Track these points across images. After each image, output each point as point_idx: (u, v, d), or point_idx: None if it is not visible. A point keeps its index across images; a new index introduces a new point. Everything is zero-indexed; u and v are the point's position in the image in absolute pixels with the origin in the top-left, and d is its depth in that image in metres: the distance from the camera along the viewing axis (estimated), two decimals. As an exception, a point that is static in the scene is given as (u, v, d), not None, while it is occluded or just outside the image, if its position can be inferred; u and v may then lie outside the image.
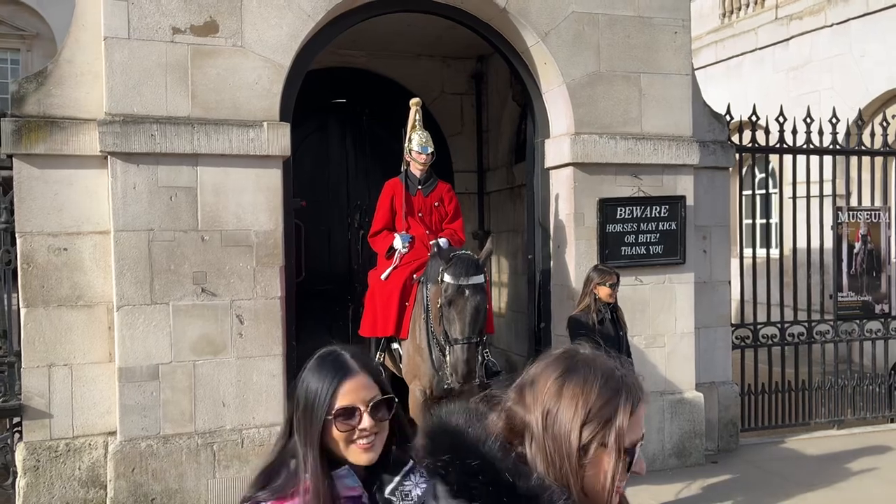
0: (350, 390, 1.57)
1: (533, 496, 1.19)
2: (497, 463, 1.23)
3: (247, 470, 4.86)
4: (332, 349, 1.65)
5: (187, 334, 4.82)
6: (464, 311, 4.37)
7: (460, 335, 4.36)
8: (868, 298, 6.92)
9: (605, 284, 4.83)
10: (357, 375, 1.58)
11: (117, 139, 4.66)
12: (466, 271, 4.40)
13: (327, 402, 1.55)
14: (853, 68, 10.29)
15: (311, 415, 1.55)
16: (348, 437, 1.56)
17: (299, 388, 1.62)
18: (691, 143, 5.89)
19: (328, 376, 1.57)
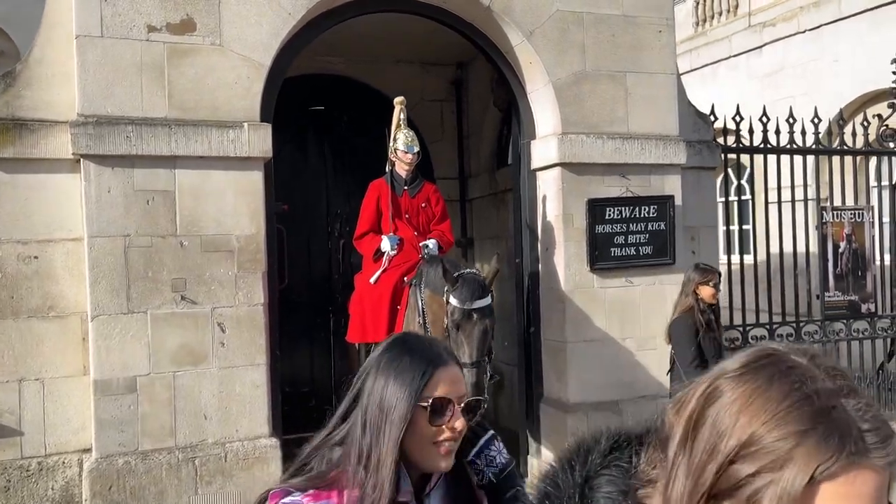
0: (444, 381, 1.38)
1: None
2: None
3: (231, 485, 4.66)
4: (410, 334, 1.50)
5: (166, 344, 4.61)
6: (472, 335, 4.31)
7: (468, 359, 4.28)
8: (854, 298, 6.91)
9: (707, 284, 4.53)
10: (451, 366, 1.40)
11: (91, 141, 4.46)
12: (472, 294, 4.32)
13: (418, 390, 1.34)
14: (827, 73, 10.40)
15: (394, 404, 1.35)
16: (433, 437, 1.36)
17: (371, 375, 1.42)
18: (678, 143, 5.84)
19: (419, 362, 1.38)
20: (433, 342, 1.45)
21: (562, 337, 5.63)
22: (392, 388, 1.37)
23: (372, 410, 1.37)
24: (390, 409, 1.35)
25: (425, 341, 1.46)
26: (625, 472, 0.91)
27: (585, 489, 0.91)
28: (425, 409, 1.35)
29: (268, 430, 4.82)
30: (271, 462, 4.77)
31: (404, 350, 1.42)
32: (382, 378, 1.39)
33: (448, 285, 4.37)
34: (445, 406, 1.36)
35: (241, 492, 4.70)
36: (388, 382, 1.38)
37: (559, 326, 5.66)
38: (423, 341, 1.46)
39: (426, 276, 4.70)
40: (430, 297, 4.60)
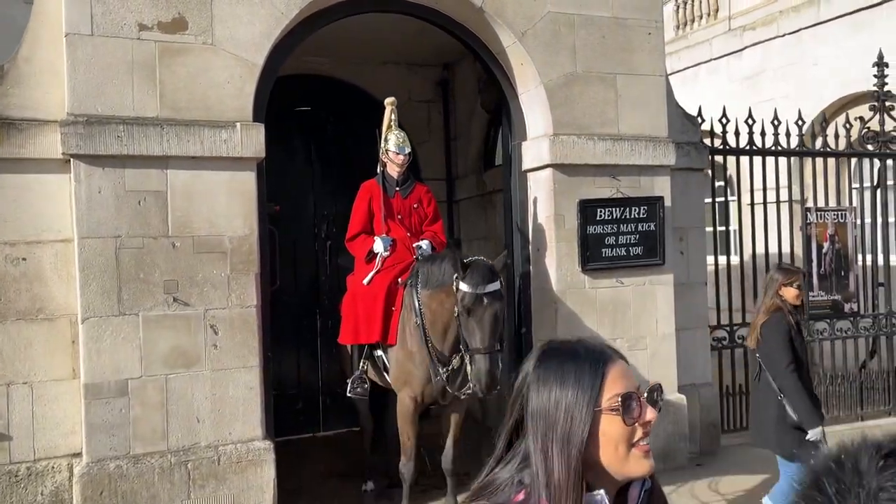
0: (619, 376, 1.24)
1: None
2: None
3: (224, 489, 4.62)
4: (558, 340, 1.35)
5: (158, 346, 4.55)
6: (483, 319, 4.27)
7: (481, 345, 4.25)
8: (837, 298, 7.02)
9: (791, 285, 4.32)
10: (619, 360, 1.28)
11: (81, 141, 4.40)
12: (483, 279, 4.29)
13: (596, 393, 1.21)
14: (807, 76, 10.56)
15: (572, 414, 1.21)
16: (628, 438, 1.22)
17: (534, 391, 1.26)
18: (668, 144, 5.89)
19: (587, 363, 1.24)
20: (586, 340, 1.32)
21: (554, 337, 5.64)
22: (564, 397, 1.23)
23: (544, 428, 1.23)
24: (569, 422, 1.21)
25: (580, 342, 1.31)
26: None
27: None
28: (613, 412, 1.21)
29: (261, 432, 4.78)
30: (265, 465, 4.73)
31: (562, 356, 1.28)
32: (546, 390, 1.24)
33: (458, 273, 4.34)
34: (633, 401, 1.23)
35: (234, 495, 4.65)
36: (557, 393, 1.23)
37: (551, 327, 5.68)
38: (578, 343, 1.31)
39: (423, 275, 4.69)
40: (428, 297, 4.59)
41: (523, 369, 1.31)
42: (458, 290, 4.35)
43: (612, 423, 1.22)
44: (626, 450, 1.23)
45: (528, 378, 1.29)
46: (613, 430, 1.22)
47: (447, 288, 4.48)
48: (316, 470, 6.36)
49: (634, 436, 1.24)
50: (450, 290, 4.46)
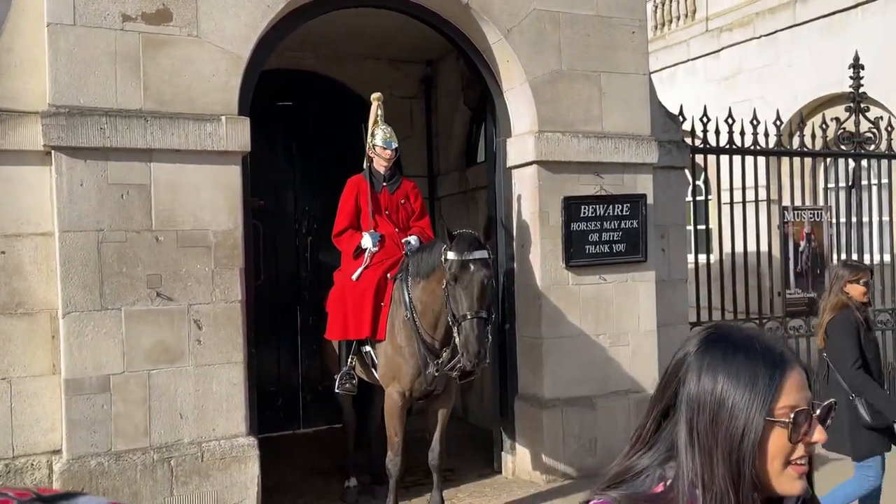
0: (794, 386, 1.12)
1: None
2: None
3: (207, 486, 4.58)
4: (726, 325, 1.22)
5: (141, 342, 4.50)
6: (470, 285, 4.27)
7: (469, 310, 4.23)
8: (813, 295, 7.13)
9: (858, 282, 4.18)
10: (797, 367, 1.14)
11: (63, 132, 4.32)
12: (470, 246, 4.32)
13: (769, 399, 1.09)
14: (781, 78, 10.72)
15: (740, 417, 1.10)
16: (787, 455, 1.12)
17: (693, 376, 1.15)
18: (650, 142, 5.95)
19: (762, 362, 1.11)
20: (761, 334, 1.18)
21: (538, 333, 5.68)
22: (732, 394, 1.11)
23: (703, 422, 1.12)
24: (734, 423, 1.10)
25: (754, 334, 1.18)
26: None
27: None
28: (782, 425, 1.09)
29: (245, 428, 4.75)
30: (249, 462, 4.70)
31: (734, 346, 1.14)
32: (710, 380, 1.12)
33: (445, 244, 4.35)
34: (804, 417, 1.10)
35: (217, 492, 4.61)
36: (724, 387, 1.11)
37: (535, 323, 5.71)
38: (754, 335, 1.17)
39: (413, 266, 4.69)
40: (420, 289, 4.59)
41: (684, 349, 1.19)
42: (445, 259, 4.36)
43: (778, 436, 1.11)
44: (781, 466, 1.12)
45: (688, 360, 1.17)
46: (776, 444, 1.11)
47: (437, 275, 4.48)
48: (297, 467, 6.33)
49: (794, 453, 1.12)
50: (440, 277, 4.47)
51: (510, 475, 5.87)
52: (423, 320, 4.58)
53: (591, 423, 5.73)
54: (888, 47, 9.21)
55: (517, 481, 5.75)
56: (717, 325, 1.23)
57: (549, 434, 5.61)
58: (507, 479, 5.82)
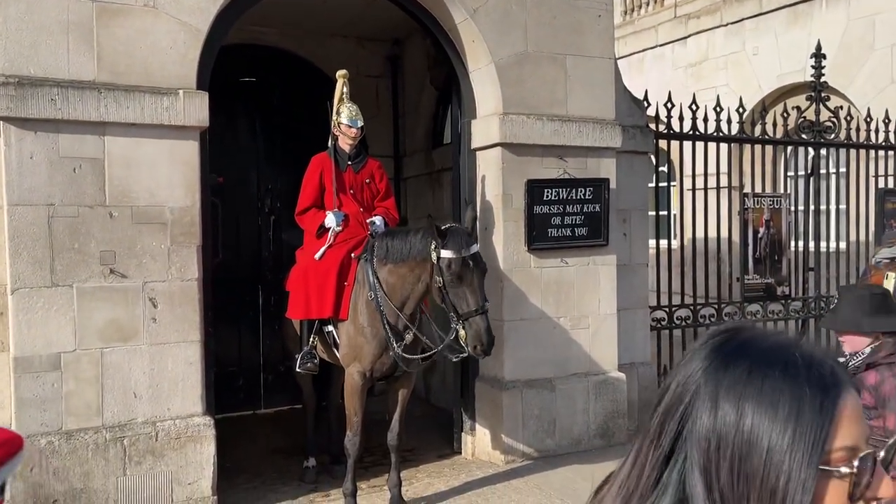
0: (852, 417, 0.79)
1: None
2: None
3: (161, 465, 4.52)
4: (749, 328, 0.87)
5: (94, 319, 4.40)
6: (474, 282, 4.41)
7: (476, 306, 4.39)
8: (771, 281, 7.26)
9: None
10: (852, 390, 0.81)
11: (12, 103, 4.18)
12: (465, 242, 4.41)
13: (822, 439, 0.76)
14: (747, 66, 10.84)
15: (782, 461, 0.75)
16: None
17: (706, 399, 0.80)
18: (614, 127, 5.96)
19: (811, 384, 0.78)
20: (797, 341, 0.84)
21: (499, 316, 5.69)
22: (767, 433, 0.77)
23: (725, 473, 0.78)
24: (772, 475, 0.76)
25: (788, 341, 0.84)
26: None
27: None
28: (839, 475, 0.76)
29: (202, 408, 4.69)
30: (204, 441, 4.64)
31: (763, 360, 0.81)
32: (733, 410, 0.78)
33: (435, 241, 4.39)
34: (869, 465, 0.77)
35: (172, 471, 4.56)
36: (755, 422, 0.77)
37: (496, 305, 5.70)
38: (785, 341, 0.84)
39: (380, 249, 4.66)
40: (388, 272, 4.59)
41: (688, 364, 0.85)
42: (439, 258, 4.38)
43: (835, 491, 0.77)
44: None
45: (696, 381, 0.82)
46: (833, 498, 0.77)
47: (412, 262, 4.50)
48: (256, 447, 6.29)
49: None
50: (414, 265, 4.53)
51: (470, 455, 5.90)
52: (388, 303, 4.57)
53: (550, 405, 5.77)
54: (849, 38, 9.35)
55: (476, 461, 5.78)
56: (733, 328, 0.87)
57: (509, 415, 5.64)
58: (467, 460, 5.85)
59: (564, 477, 5.36)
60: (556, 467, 5.53)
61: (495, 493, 5.10)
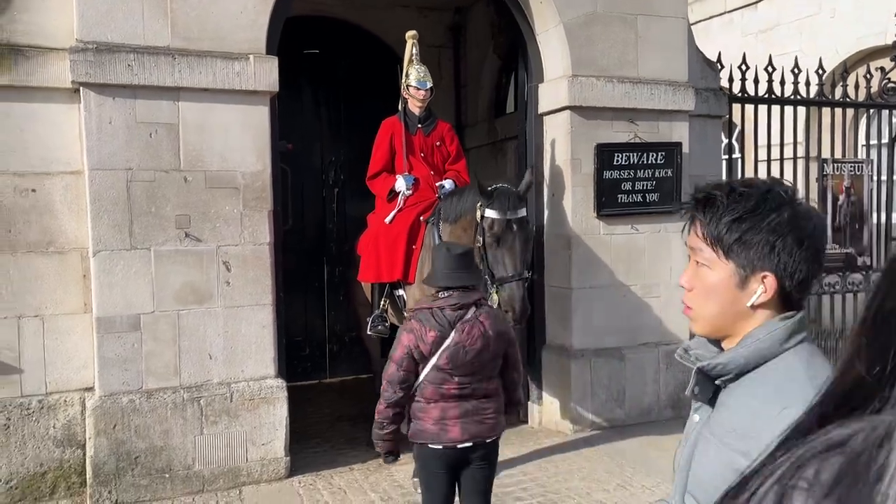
0: None
1: None
2: None
3: (236, 426, 4.61)
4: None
5: (170, 282, 4.49)
6: (514, 246, 4.20)
7: (514, 271, 4.18)
8: (851, 251, 6.96)
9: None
10: None
11: (91, 69, 4.27)
12: (511, 205, 4.21)
13: None
14: (823, 29, 10.34)
15: None
16: None
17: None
18: (687, 89, 5.77)
19: None
20: None
21: (567, 283, 5.60)
22: None
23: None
24: None
25: None
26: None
27: None
28: None
29: (274, 370, 4.75)
30: (277, 403, 4.71)
31: None
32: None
33: (482, 200, 4.23)
34: None
35: (246, 432, 4.64)
36: None
37: (564, 273, 5.62)
38: None
39: (443, 211, 4.60)
40: (448, 233, 4.51)
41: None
42: (482, 217, 4.23)
43: None
44: None
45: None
46: None
47: (464, 221, 4.39)
48: (323, 415, 6.37)
49: None
50: (467, 224, 4.38)
51: (536, 425, 5.85)
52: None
53: (619, 375, 5.67)
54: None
55: (543, 430, 5.73)
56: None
57: (577, 384, 5.56)
58: (534, 429, 5.80)
59: (635, 446, 5.27)
60: (625, 437, 5.43)
61: (565, 460, 5.05)
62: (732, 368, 1.26)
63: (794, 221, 1.21)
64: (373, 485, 4.67)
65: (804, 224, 1.22)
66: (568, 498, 4.41)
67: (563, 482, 4.65)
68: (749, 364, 1.25)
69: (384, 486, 4.65)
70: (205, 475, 4.53)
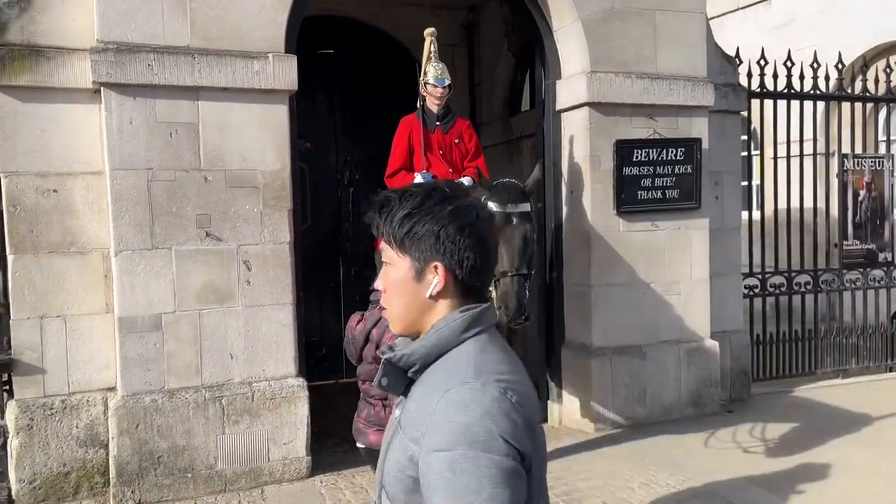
0: None
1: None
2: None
3: (258, 425, 4.60)
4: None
5: (191, 281, 4.49)
6: (511, 240, 4.09)
7: (509, 267, 4.07)
8: (872, 247, 6.89)
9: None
10: None
11: (111, 69, 4.27)
12: (513, 198, 4.13)
13: None
14: (837, 26, 10.25)
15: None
16: None
17: None
18: (706, 84, 5.72)
19: None
20: None
21: (587, 281, 5.57)
22: None
23: None
24: None
25: None
26: None
27: None
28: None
29: (294, 369, 4.74)
30: (298, 402, 4.70)
31: None
32: None
33: (485, 193, 4.18)
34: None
35: (268, 431, 4.63)
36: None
37: (584, 270, 5.59)
38: None
39: None
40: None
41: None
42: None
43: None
44: None
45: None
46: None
47: None
48: (341, 414, 6.29)
49: None
50: None
51: (556, 424, 5.82)
52: None
53: (640, 373, 5.63)
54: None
55: (564, 429, 5.69)
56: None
57: (598, 383, 5.53)
58: (554, 428, 5.77)
59: (658, 445, 5.23)
60: (648, 436, 5.39)
61: (588, 458, 5.01)
62: (416, 359, 1.31)
63: (455, 212, 1.30)
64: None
65: (466, 214, 1.32)
66: (593, 496, 4.38)
67: (587, 480, 4.61)
68: (431, 354, 1.30)
69: (406, 486, 4.63)
70: (227, 475, 4.53)
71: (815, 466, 4.78)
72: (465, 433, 1.15)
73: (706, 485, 4.51)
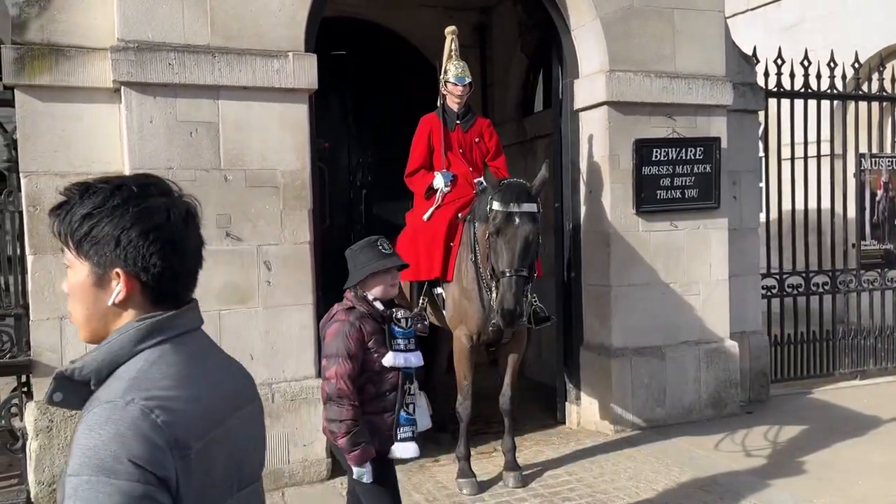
0: None
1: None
2: None
3: (279, 426, 4.55)
4: None
5: (212, 282, 4.45)
6: (513, 240, 3.99)
7: (508, 267, 3.96)
8: (890, 247, 6.85)
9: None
10: None
11: (132, 68, 4.25)
12: (517, 197, 4.04)
13: None
14: (847, 26, 10.22)
15: None
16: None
17: None
18: (725, 83, 5.69)
19: None
20: None
21: (605, 281, 5.53)
22: None
23: None
24: None
25: None
26: None
27: None
28: None
29: (315, 371, 4.69)
30: (319, 404, 4.63)
31: None
32: None
33: (491, 191, 4.11)
34: None
35: (288, 433, 4.59)
36: None
37: (603, 271, 5.55)
38: None
39: (477, 209, 4.52)
40: (481, 231, 4.39)
41: None
42: (490, 209, 4.10)
43: None
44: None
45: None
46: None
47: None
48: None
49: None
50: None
51: (574, 425, 5.77)
52: (483, 260, 4.37)
53: (660, 374, 5.58)
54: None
55: (583, 431, 5.65)
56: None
57: (618, 384, 5.48)
58: (573, 429, 5.72)
59: (679, 446, 5.18)
60: (668, 437, 5.34)
61: (609, 460, 4.97)
62: (89, 372, 1.19)
63: (141, 214, 1.19)
64: (416, 486, 4.61)
65: (155, 217, 1.21)
66: (617, 498, 4.33)
67: (609, 482, 4.57)
68: (103, 367, 1.19)
69: (428, 487, 4.59)
70: (247, 477, 4.48)
71: (837, 467, 4.73)
72: (92, 457, 1.07)
73: (730, 485, 4.47)
